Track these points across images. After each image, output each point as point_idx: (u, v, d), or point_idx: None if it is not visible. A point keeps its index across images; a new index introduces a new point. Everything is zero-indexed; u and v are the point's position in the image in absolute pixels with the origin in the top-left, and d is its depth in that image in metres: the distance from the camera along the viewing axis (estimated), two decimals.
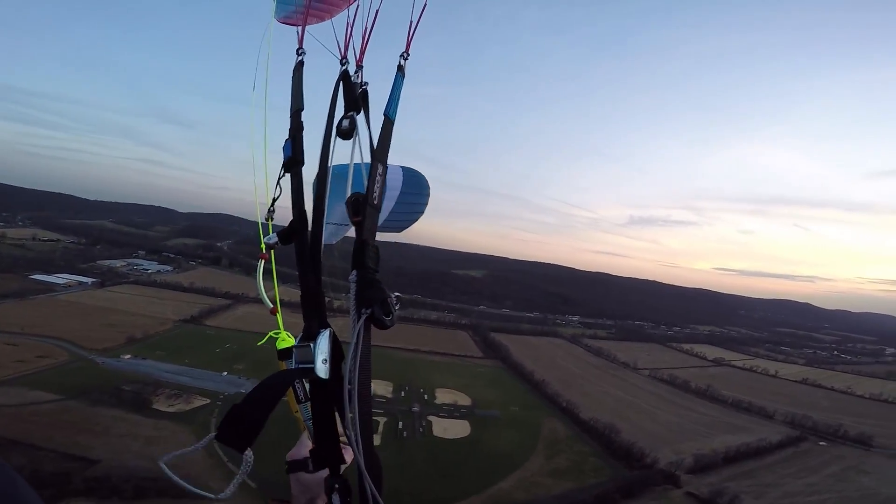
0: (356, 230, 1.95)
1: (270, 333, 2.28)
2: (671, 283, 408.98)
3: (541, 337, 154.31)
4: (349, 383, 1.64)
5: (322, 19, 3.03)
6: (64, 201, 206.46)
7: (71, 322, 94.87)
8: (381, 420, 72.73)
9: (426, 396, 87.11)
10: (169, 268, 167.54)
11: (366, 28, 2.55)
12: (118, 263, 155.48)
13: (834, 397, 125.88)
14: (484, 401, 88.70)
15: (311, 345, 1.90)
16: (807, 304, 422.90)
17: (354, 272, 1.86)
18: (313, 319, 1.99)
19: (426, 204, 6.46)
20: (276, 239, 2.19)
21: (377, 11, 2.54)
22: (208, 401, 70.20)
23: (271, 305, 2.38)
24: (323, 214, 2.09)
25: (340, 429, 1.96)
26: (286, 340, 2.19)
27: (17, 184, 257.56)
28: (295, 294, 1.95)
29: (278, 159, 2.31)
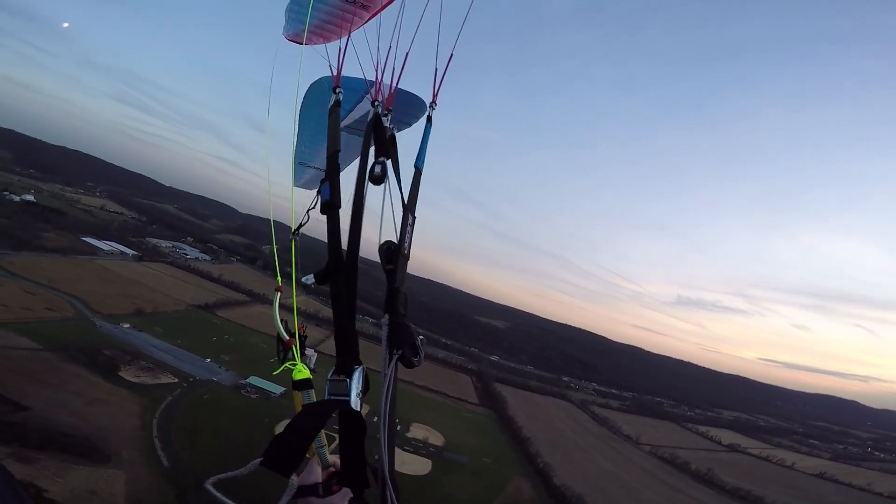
0: (388, 278, 2.14)
1: (286, 364, 2.46)
2: (707, 366, 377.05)
3: (547, 396, 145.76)
4: (384, 416, 1.88)
5: (328, 40, 3.12)
6: (143, 182, 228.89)
7: (93, 284, 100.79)
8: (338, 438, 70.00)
9: (398, 427, 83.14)
10: (208, 258, 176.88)
11: (394, 72, 2.70)
12: (164, 244, 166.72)
13: (847, 493, 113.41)
14: (457, 445, 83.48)
15: (347, 379, 2.10)
16: (853, 402, 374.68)
17: (386, 316, 2.07)
18: (347, 356, 2.19)
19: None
20: (313, 279, 2.33)
21: (406, 55, 2.71)
22: (176, 381, 70.56)
23: (287, 337, 2.55)
24: (356, 259, 2.24)
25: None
26: (302, 372, 2.38)
27: (107, 159, 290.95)
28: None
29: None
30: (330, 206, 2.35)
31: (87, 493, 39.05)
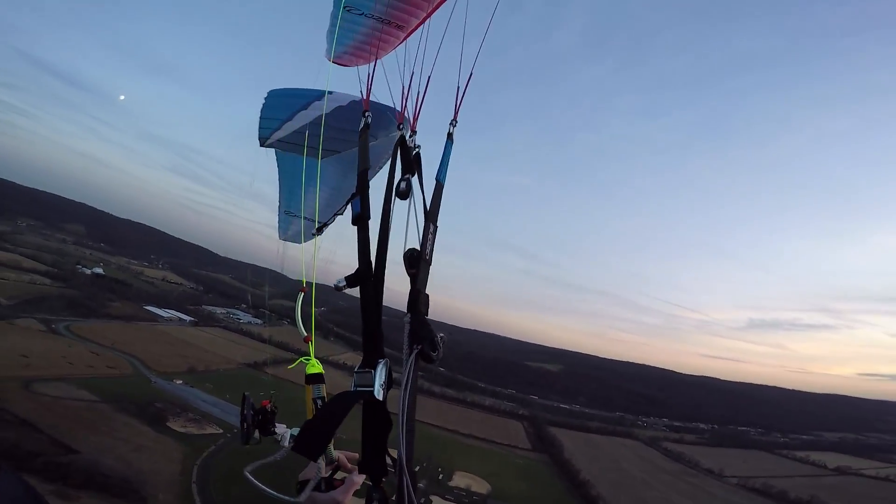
0: (411, 281, 2.40)
1: (301, 359, 2.65)
2: (797, 388, 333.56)
3: (610, 437, 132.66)
4: (403, 405, 2.08)
5: (367, 61, 3.34)
6: (199, 253, 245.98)
7: (151, 346, 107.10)
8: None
9: (441, 476, 78.74)
10: (259, 321, 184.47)
11: (418, 95, 2.99)
12: (219, 310, 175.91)
13: None
14: (505, 492, 76.94)
15: (372, 371, 2.33)
16: None
17: (409, 315, 2.33)
18: (372, 352, 2.42)
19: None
20: (344, 283, 2.59)
21: (429, 78, 2.99)
22: (220, 431, 71.78)
23: (306, 334, 2.78)
24: (384, 267, 2.51)
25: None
26: (315, 367, 2.56)
27: (167, 231, 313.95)
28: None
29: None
30: (361, 218, 2.59)
31: None
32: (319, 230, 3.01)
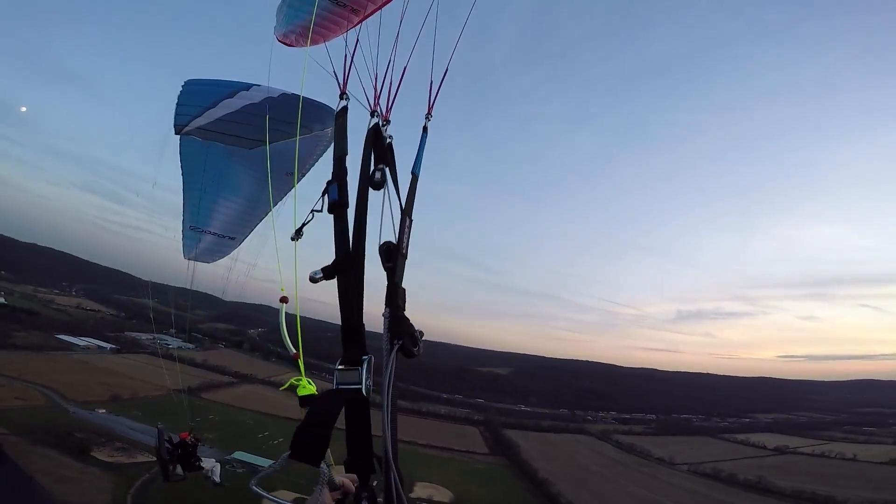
0: (388, 275, 2.31)
1: (292, 380, 2.46)
2: (727, 373, 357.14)
3: (563, 434, 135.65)
4: (386, 402, 2.04)
5: (316, 42, 3.14)
6: (119, 277, 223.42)
7: (68, 376, 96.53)
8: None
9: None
10: (192, 346, 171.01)
11: (392, 83, 2.83)
12: (144, 336, 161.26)
13: None
14: (467, 499, 75.80)
15: (359, 368, 2.21)
16: (892, 381, 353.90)
17: (387, 309, 2.24)
18: (355, 348, 2.29)
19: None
20: (320, 274, 2.37)
21: (405, 68, 2.85)
22: (153, 459, 65.68)
23: (293, 351, 2.56)
24: (363, 256, 2.37)
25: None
26: (307, 387, 2.39)
27: (80, 255, 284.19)
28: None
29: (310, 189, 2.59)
30: (338, 206, 2.44)
31: None
32: (298, 233, 2.64)
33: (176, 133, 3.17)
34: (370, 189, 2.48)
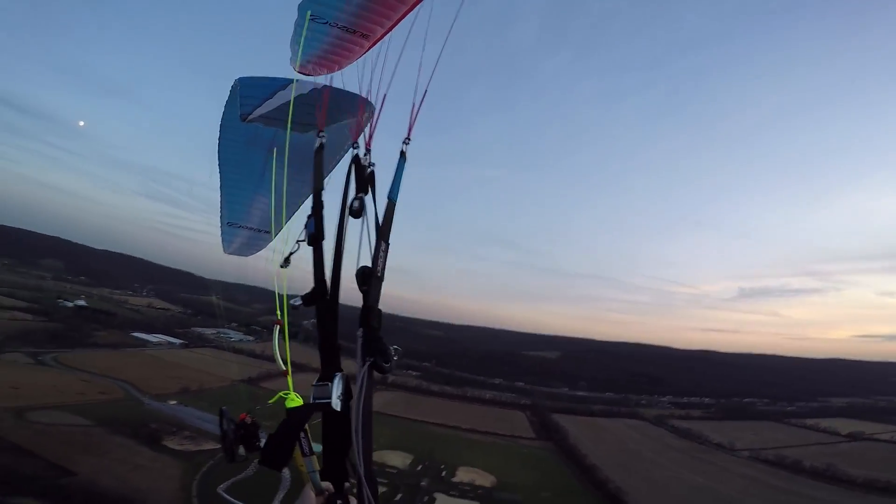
0: (363, 297, 2.46)
1: (280, 394, 2.66)
2: (797, 355, 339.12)
3: (615, 419, 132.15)
4: (356, 416, 2.16)
5: (331, 70, 3.35)
6: (184, 277, 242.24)
7: (143, 370, 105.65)
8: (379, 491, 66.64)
9: (444, 473, 77.55)
10: (251, 338, 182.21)
11: (373, 113, 3.05)
12: (209, 331, 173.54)
13: None
14: (511, 484, 76.34)
15: (329, 384, 2.42)
16: None
17: (361, 329, 2.40)
18: (329, 365, 2.57)
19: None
20: (300, 301, 2.73)
21: (384, 97, 3.02)
22: (218, 446, 71.11)
23: (283, 368, 2.85)
24: (339, 284, 2.63)
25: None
26: (295, 400, 2.58)
27: (148, 258, 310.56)
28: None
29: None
30: (315, 239, 2.72)
31: None
32: (286, 261, 2.93)
33: (242, 120, 3.45)
34: (351, 217, 2.66)
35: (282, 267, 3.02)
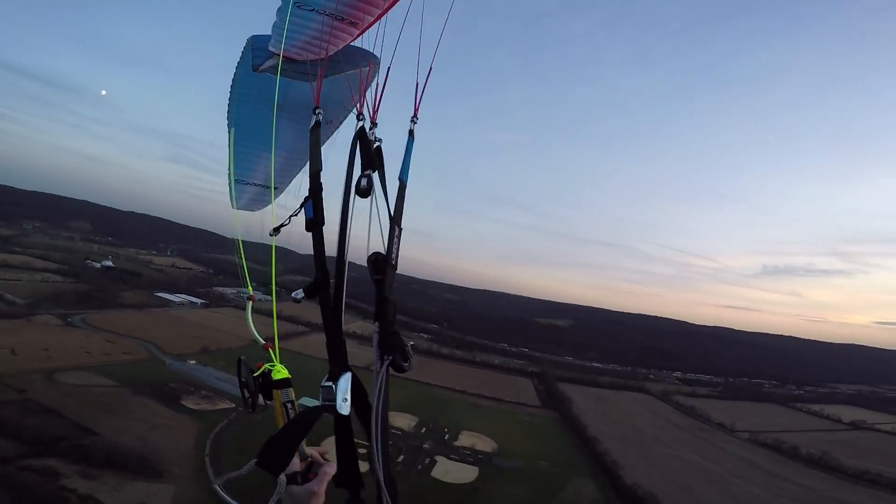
0: (377, 287, 2.34)
1: (265, 366, 2.62)
2: (814, 338, 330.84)
3: (622, 391, 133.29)
4: (375, 419, 2.08)
5: (318, 56, 3.23)
6: (206, 237, 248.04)
7: (165, 330, 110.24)
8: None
9: (447, 436, 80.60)
10: (269, 297, 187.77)
11: (378, 84, 2.85)
12: (229, 291, 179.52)
13: None
14: (511, 450, 78.70)
15: (333, 385, 2.28)
16: None
17: (377, 324, 2.31)
18: (336, 364, 2.39)
19: None
20: (302, 294, 2.53)
21: (388, 69, 2.86)
22: (233, 406, 75.06)
23: (263, 342, 2.78)
24: (344, 273, 2.43)
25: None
26: (281, 372, 2.56)
27: (172, 219, 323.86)
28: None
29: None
30: (315, 224, 2.48)
31: None
32: (276, 230, 2.81)
33: (253, 70, 3.41)
34: (357, 197, 2.46)
35: (271, 235, 2.91)
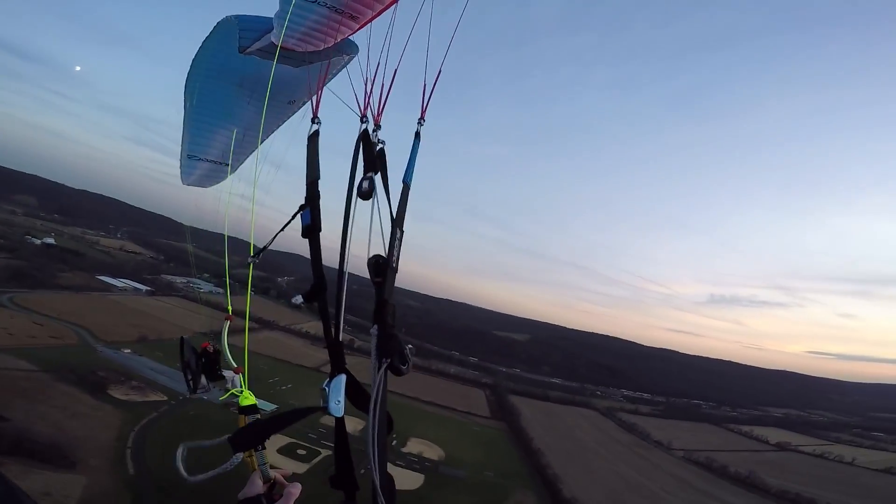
0: (376, 290, 2.29)
1: (233, 391, 2.60)
2: (751, 363, 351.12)
3: (570, 406, 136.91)
4: (372, 422, 2.09)
5: (317, 48, 3.18)
6: (162, 222, 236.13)
7: (101, 317, 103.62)
8: (325, 453, 67.72)
9: (394, 442, 79.68)
10: (221, 290, 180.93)
11: (383, 86, 2.76)
12: (178, 279, 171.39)
13: None
14: (457, 459, 78.59)
15: (326, 387, 2.35)
16: None
17: (375, 327, 2.25)
18: (335, 367, 2.45)
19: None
20: (301, 299, 2.53)
21: (395, 71, 2.78)
22: (165, 398, 70.84)
23: (235, 365, 2.72)
24: (344, 277, 2.39)
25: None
26: (248, 399, 2.54)
27: (127, 200, 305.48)
28: None
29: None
30: (312, 230, 2.49)
31: (42, 495, 38.91)
32: (257, 255, 2.82)
33: (240, 52, 3.31)
34: (359, 200, 2.44)
35: (250, 261, 2.89)
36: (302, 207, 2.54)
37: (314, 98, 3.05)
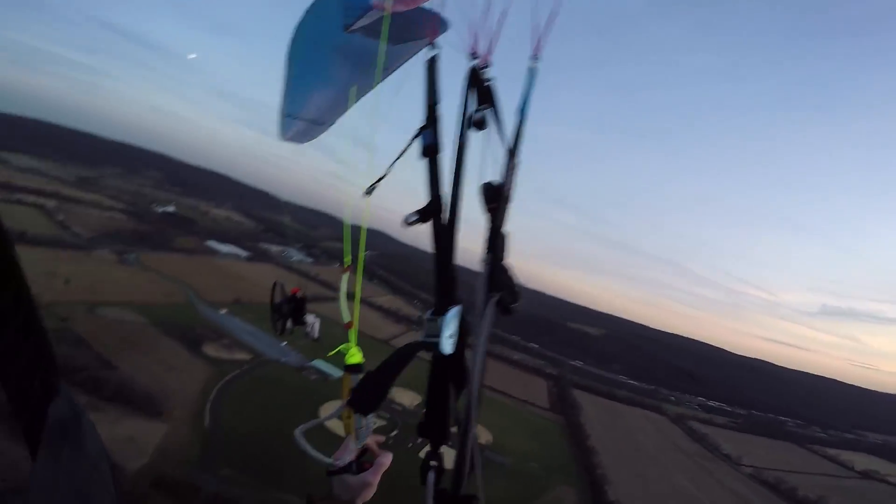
0: (490, 217, 2.15)
1: (340, 347, 2.42)
2: (858, 383, 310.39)
3: (636, 408, 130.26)
4: (476, 365, 1.82)
5: (409, 6, 3.09)
6: (264, 197, 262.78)
7: (207, 278, 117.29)
8: (378, 423, 71.78)
9: None
10: (311, 260, 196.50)
11: (493, 25, 2.64)
12: (274, 248, 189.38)
13: None
14: (504, 446, 78.35)
15: (439, 320, 2.01)
16: None
17: (487, 255, 2.04)
18: (444, 296, 2.11)
19: None
20: (416, 217, 2.34)
21: (506, 10, 2.63)
22: (248, 358, 79.77)
23: (349, 319, 2.54)
24: (458, 201, 2.26)
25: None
26: (355, 356, 2.38)
27: (235, 177, 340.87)
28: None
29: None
30: (433, 150, 2.35)
31: (126, 440, 44.44)
32: (370, 190, 2.56)
33: (344, 31, 3.34)
34: (472, 130, 2.34)
35: (366, 194, 2.63)
36: (422, 129, 2.39)
37: (429, 24, 2.77)
